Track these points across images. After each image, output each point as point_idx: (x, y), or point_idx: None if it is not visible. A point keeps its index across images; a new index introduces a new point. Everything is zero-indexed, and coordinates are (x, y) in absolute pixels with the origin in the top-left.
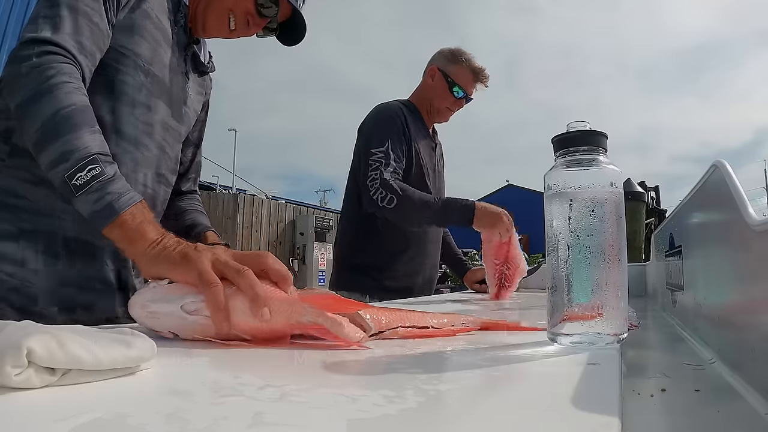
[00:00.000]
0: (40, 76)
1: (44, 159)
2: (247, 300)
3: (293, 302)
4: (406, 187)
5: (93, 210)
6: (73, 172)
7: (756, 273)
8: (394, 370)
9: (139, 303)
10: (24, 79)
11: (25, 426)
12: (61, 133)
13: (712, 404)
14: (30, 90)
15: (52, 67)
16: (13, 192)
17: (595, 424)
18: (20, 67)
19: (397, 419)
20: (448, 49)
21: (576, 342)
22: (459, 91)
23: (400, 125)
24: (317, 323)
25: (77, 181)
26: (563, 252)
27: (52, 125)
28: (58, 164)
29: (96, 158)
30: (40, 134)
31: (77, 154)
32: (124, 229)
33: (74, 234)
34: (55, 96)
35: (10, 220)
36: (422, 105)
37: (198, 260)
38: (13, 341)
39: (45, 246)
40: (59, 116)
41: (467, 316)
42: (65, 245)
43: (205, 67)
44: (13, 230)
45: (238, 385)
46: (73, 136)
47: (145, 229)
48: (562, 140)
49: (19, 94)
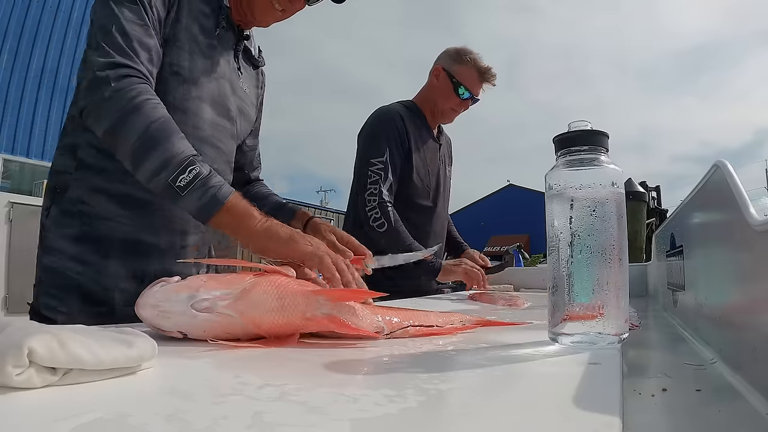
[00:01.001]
0: (123, 97)
1: (145, 169)
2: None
3: (309, 296)
4: (399, 221)
5: (201, 204)
6: (176, 175)
7: (757, 273)
8: (395, 369)
9: (150, 303)
10: (109, 103)
11: (25, 426)
12: (157, 144)
13: (713, 404)
14: (118, 111)
15: (132, 89)
16: (80, 200)
17: (596, 423)
18: (102, 92)
19: (398, 418)
20: (454, 48)
21: (577, 342)
22: (464, 92)
23: (398, 132)
24: (333, 315)
25: (181, 183)
26: (564, 252)
27: (147, 138)
28: (160, 172)
29: (193, 160)
30: (137, 147)
31: (176, 160)
32: (232, 213)
33: (128, 235)
34: (143, 113)
35: (75, 225)
36: (426, 106)
37: (302, 242)
38: (14, 341)
39: (102, 246)
40: (151, 129)
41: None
42: (120, 245)
43: (257, 61)
44: (78, 233)
45: (238, 385)
46: (169, 145)
47: (250, 209)
48: (563, 140)
49: (107, 117)
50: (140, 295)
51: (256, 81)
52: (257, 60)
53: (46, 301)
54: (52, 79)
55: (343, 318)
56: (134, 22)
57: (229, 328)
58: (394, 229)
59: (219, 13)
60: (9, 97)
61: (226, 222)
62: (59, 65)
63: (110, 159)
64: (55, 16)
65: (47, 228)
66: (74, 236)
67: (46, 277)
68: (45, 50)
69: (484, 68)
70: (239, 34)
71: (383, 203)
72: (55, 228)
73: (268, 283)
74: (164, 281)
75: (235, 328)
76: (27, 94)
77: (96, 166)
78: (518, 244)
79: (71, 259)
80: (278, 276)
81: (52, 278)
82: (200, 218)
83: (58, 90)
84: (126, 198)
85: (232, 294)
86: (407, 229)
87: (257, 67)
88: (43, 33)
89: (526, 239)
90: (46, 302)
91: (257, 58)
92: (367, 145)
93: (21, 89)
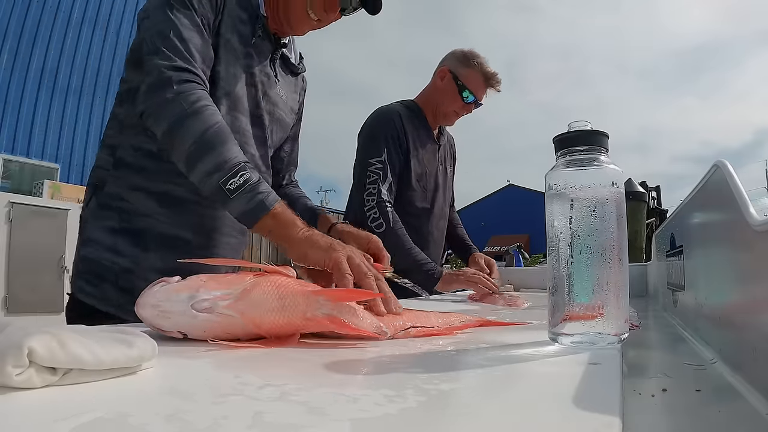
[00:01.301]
0: (185, 101)
1: (198, 170)
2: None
3: (309, 296)
4: (398, 222)
5: (248, 208)
6: (227, 178)
7: (757, 273)
8: (395, 369)
9: (150, 303)
10: (171, 105)
11: (25, 426)
12: (212, 147)
13: (713, 404)
14: (178, 114)
15: (193, 93)
16: (118, 196)
17: (596, 423)
18: (165, 94)
19: (398, 419)
20: (461, 50)
21: (577, 342)
22: (469, 96)
23: (396, 131)
24: (333, 315)
25: (231, 186)
26: (564, 252)
27: (204, 141)
28: (213, 173)
29: (244, 166)
30: (193, 150)
31: (228, 164)
32: (277, 219)
33: (165, 230)
34: (202, 117)
35: (115, 219)
36: (428, 107)
37: (340, 252)
38: (14, 341)
39: (141, 240)
40: (209, 133)
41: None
42: (157, 240)
43: (296, 68)
44: (116, 227)
45: (239, 385)
46: (223, 149)
47: (294, 218)
48: (563, 140)
49: (167, 118)
50: (140, 295)
51: (295, 87)
52: (296, 67)
53: (82, 286)
54: (52, 79)
55: (343, 318)
56: (190, 28)
57: (229, 329)
58: (392, 231)
59: (256, 21)
60: (9, 97)
61: (270, 228)
62: (59, 65)
63: (150, 158)
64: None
65: (86, 220)
66: (111, 229)
67: (83, 266)
68: (45, 50)
69: (490, 73)
70: (276, 42)
71: (382, 203)
72: (93, 220)
73: (269, 283)
74: (164, 281)
75: (235, 328)
76: (27, 94)
77: (135, 165)
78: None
79: (107, 249)
80: (278, 276)
81: (88, 266)
82: (246, 221)
83: (58, 90)
84: (164, 196)
85: (233, 294)
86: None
87: (297, 74)
88: (43, 33)
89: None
90: (82, 287)
91: (296, 65)
92: (366, 145)
93: (21, 89)
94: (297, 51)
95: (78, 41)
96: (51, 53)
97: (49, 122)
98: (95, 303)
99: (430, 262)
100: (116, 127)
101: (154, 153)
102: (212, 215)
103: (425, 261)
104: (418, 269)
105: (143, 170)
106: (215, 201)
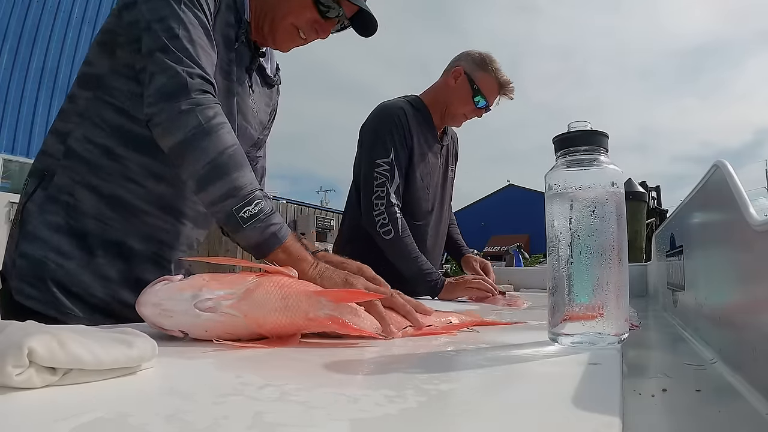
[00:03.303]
0: (202, 115)
1: (210, 192)
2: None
3: (312, 296)
4: (406, 230)
5: (261, 239)
6: (242, 206)
7: (757, 273)
8: (395, 369)
9: (151, 301)
10: (187, 117)
11: (25, 426)
12: (227, 171)
13: (713, 404)
14: (194, 129)
15: (210, 107)
16: (67, 190)
17: (596, 424)
18: (180, 104)
19: (398, 419)
20: (478, 53)
21: (577, 342)
22: (481, 101)
23: (402, 130)
24: (334, 315)
25: (245, 214)
26: (564, 252)
27: (219, 164)
28: (227, 198)
29: (258, 194)
30: (208, 170)
31: (244, 191)
32: (289, 253)
33: (116, 237)
34: (219, 136)
35: (61, 215)
36: (436, 106)
37: (359, 285)
38: (14, 341)
39: (87, 243)
40: (225, 155)
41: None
42: (104, 246)
43: (272, 80)
44: (63, 224)
45: (239, 385)
46: (239, 174)
47: (305, 254)
48: (563, 140)
49: (180, 131)
50: (141, 293)
51: (269, 100)
52: (272, 78)
53: (21, 288)
54: (52, 79)
55: (344, 319)
56: (198, 27)
57: (231, 328)
58: (400, 239)
59: (240, 26)
60: (9, 97)
61: (281, 261)
62: (59, 65)
63: (104, 156)
64: (55, 16)
65: (30, 212)
66: (58, 226)
67: (22, 264)
68: (45, 50)
69: (505, 81)
70: (255, 50)
71: (391, 208)
72: (39, 214)
73: (272, 283)
74: (167, 279)
75: (237, 328)
76: (27, 94)
77: (88, 159)
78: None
79: (52, 250)
80: (280, 276)
81: (30, 266)
82: (257, 252)
83: (58, 90)
84: (115, 200)
85: (236, 294)
86: None
87: (272, 86)
88: (43, 33)
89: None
90: (21, 288)
91: (272, 77)
92: (371, 145)
93: (21, 89)
94: (275, 62)
95: (78, 41)
96: (51, 53)
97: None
98: (36, 306)
99: (434, 272)
100: (72, 112)
101: (110, 150)
102: (163, 228)
103: (429, 271)
104: (422, 279)
105: (96, 167)
106: (225, 226)
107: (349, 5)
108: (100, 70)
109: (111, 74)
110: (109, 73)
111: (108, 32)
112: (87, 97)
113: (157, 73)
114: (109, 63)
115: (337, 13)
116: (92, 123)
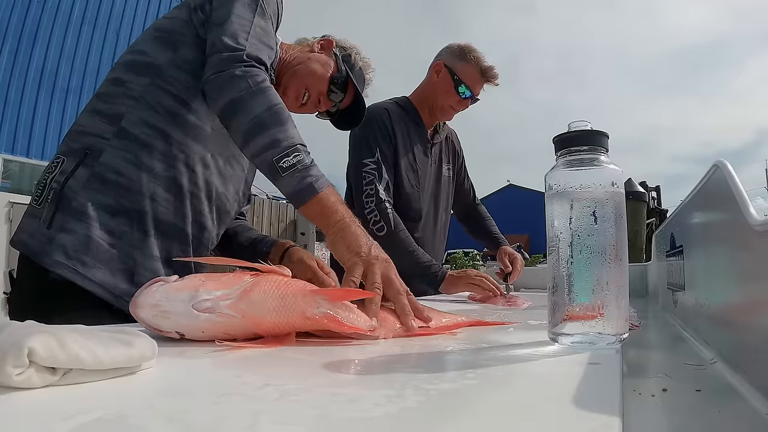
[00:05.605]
0: (252, 79)
1: (255, 144)
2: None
3: (308, 295)
4: (400, 224)
5: (297, 188)
6: (281, 156)
7: (757, 273)
8: (395, 369)
9: (149, 302)
10: (238, 79)
11: (25, 426)
12: (271, 125)
13: (713, 404)
14: (244, 89)
15: (260, 75)
16: (115, 169)
17: (595, 424)
18: (233, 70)
19: (398, 419)
20: (457, 44)
21: (577, 342)
22: (465, 91)
23: (386, 129)
24: (330, 314)
25: (284, 164)
26: (564, 252)
27: (265, 118)
28: (268, 149)
29: (299, 147)
30: (254, 124)
31: (285, 143)
32: (322, 205)
33: (165, 217)
34: (267, 95)
35: (111, 196)
36: (423, 103)
37: (362, 260)
38: (14, 341)
39: (139, 223)
40: (271, 111)
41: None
42: (156, 225)
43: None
44: (114, 205)
45: (239, 385)
46: (282, 128)
47: (337, 206)
48: (563, 140)
49: (232, 91)
50: (136, 295)
51: None
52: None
53: (62, 262)
54: (52, 79)
55: (340, 317)
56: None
57: (229, 329)
58: (394, 234)
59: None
60: (9, 97)
61: (315, 212)
62: (59, 65)
63: (163, 140)
64: (55, 16)
65: (73, 189)
66: (108, 206)
67: (66, 239)
68: (45, 50)
69: (486, 67)
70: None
71: (381, 204)
72: (84, 191)
73: (268, 282)
74: (162, 280)
75: (234, 328)
76: (27, 94)
77: (146, 142)
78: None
79: (102, 227)
80: (277, 276)
81: (77, 242)
82: (294, 201)
83: (58, 90)
84: (171, 182)
85: (233, 294)
86: None
87: None
88: (43, 33)
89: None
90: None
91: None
92: (357, 147)
93: (21, 89)
94: None
95: (78, 41)
96: (51, 53)
97: (49, 122)
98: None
99: (434, 264)
100: (122, 95)
101: (167, 135)
102: (202, 212)
103: (428, 263)
104: (421, 272)
105: (151, 149)
106: (267, 176)
107: (352, 92)
108: (158, 61)
109: (170, 66)
110: (167, 65)
111: (171, 32)
112: (143, 83)
113: (219, 50)
114: (169, 56)
115: (339, 99)
116: (149, 107)
